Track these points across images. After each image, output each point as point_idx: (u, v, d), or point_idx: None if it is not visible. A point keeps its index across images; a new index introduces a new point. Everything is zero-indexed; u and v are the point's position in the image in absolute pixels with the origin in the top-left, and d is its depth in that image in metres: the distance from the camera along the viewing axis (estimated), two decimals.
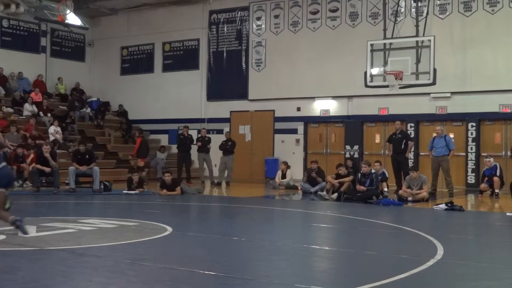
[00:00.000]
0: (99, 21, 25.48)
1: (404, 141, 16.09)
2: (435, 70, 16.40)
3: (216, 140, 19.92)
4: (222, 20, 22.80)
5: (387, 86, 16.93)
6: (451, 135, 17.46)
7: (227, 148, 19.49)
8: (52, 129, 19.68)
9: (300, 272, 6.05)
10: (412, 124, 18.85)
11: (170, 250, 7.22)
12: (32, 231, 7.57)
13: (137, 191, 15.16)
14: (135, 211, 11.80)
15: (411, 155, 17.31)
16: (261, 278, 5.62)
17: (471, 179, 18.02)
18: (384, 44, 17.35)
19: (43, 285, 5.14)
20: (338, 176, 15.17)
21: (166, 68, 24.16)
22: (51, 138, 18.96)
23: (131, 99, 24.48)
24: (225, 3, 22.65)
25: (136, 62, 24.85)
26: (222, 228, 9.41)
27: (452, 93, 18.43)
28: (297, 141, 21.12)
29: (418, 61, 16.75)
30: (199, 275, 5.68)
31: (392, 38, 17.52)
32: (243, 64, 22.22)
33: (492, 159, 15.84)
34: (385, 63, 16.98)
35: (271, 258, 6.67)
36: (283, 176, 18.13)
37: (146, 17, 24.38)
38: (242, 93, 22.15)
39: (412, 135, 18.18)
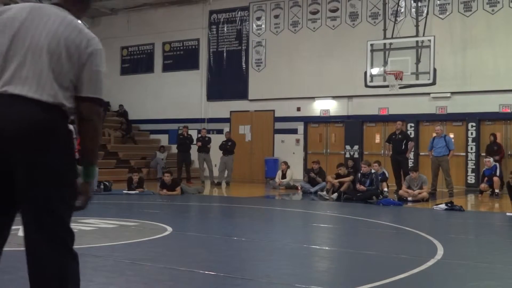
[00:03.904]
0: (99, 21, 25.49)
1: (404, 142, 16.11)
2: (435, 70, 16.42)
3: (216, 140, 19.92)
4: (222, 20, 22.82)
5: (387, 86, 16.95)
6: (451, 135, 17.48)
7: (227, 148, 19.49)
8: None
9: (300, 272, 6.06)
10: (412, 124, 18.86)
11: (170, 250, 7.22)
12: None
13: (137, 191, 15.16)
14: (135, 211, 11.81)
15: (411, 155, 17.33)
16: (261, 278, 5.62)
17: (471, 179, 18.03)
18: (384, 44, 17.37)
19: None
20: (338, 176, 15.18)
21: (166, 68, 24.18)
22: None
23: (131, 99, 24.50)
24: (225, 3, 22.67)
25: (136, 62, 24.88)
26: (222, 228, 9.41)
27: (452, 93, 18.43)
28: (297, 141, 21.12)
29: (418, 61, 16.77)
30: (199, 275, 5.68)
31: (392, 38, 17.54)
32: (243, 64, 22.23)
33: (491, 159, 15.85)
34: (385, 63, 17.01)
35: (271, 258, 6.67)
36: (283, 176, 18.13)
37: (146, 17, 24.40)
38: (242, 93, 22.16)
39: (412, 135, 18.18)
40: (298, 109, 21.09)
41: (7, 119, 2.74)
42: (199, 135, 20.28)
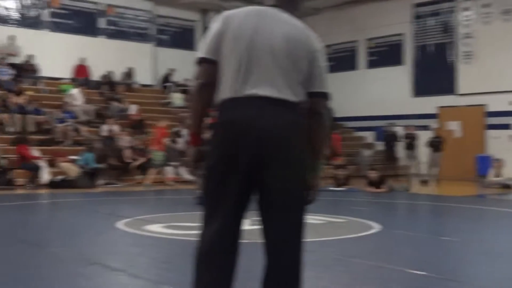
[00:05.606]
0: (304, 21, 25.86)
1: None
2: None
3: (423, 137, 19.46)
4: (427, 13, 22.15)
5: None
6: None
7: (436, 144, 18.95)
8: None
9: None
10: None
11: (378, 248, 7.17)
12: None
13: (343, 188, 15.25)
14: (341, 208, 11.89)
15: None
16: (474, 281, 5.35)
17: None
18: None
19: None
20: None
21: (370, 64, 24.07)
22: None
23: (336, 97, 24.54)
24: None
25: (340, 60, 24.94)
26: (431, 227, 9.14)
27: None
28: None
29: None
30: (407, 275, 5.55)
31: None
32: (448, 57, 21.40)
33: None
34: None
35: (480, 260, 6.32)
36: None
37: (348, 15, 24.39)
38: (448, 89, 21.31)
39: None
40: None
41: (262, 121, 2.93)
42: (406, 132, 19.99)
